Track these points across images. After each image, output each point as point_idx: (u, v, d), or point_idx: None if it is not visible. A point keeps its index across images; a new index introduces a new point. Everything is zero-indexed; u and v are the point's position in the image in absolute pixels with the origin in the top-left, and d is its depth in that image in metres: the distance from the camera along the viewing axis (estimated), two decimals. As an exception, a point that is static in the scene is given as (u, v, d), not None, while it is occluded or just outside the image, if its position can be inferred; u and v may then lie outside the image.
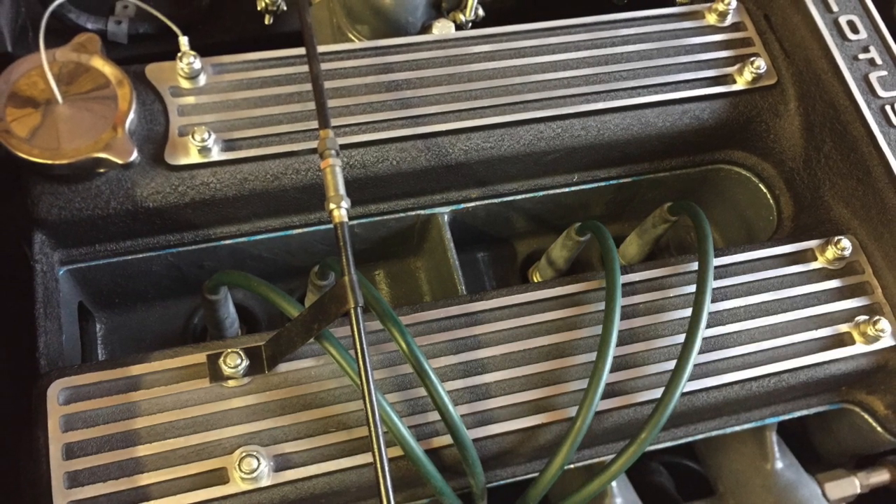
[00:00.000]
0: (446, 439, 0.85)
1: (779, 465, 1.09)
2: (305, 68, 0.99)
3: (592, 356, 0.88)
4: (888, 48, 1.10)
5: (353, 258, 0.78)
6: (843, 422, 1.10)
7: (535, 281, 1.20)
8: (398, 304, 1.02)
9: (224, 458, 0.81)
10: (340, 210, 0.80)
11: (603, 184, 1.16)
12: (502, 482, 0.95)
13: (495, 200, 1.13)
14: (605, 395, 0.88)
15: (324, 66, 1.00)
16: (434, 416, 0.85)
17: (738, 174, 1.19)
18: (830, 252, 1.01)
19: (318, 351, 0.87)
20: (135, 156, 0.90)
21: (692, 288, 0.94)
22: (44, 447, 0.80)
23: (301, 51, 1.01)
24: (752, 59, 1.10)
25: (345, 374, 0.82)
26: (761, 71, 1.09)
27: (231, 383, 0.85)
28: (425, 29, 1.25)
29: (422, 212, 1.10)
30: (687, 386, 0.88)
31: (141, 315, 1.11)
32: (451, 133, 1.02)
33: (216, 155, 0.94)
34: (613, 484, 1.04)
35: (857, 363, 0.98)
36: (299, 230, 1.05)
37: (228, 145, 0.95)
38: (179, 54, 0.97)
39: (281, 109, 0.98)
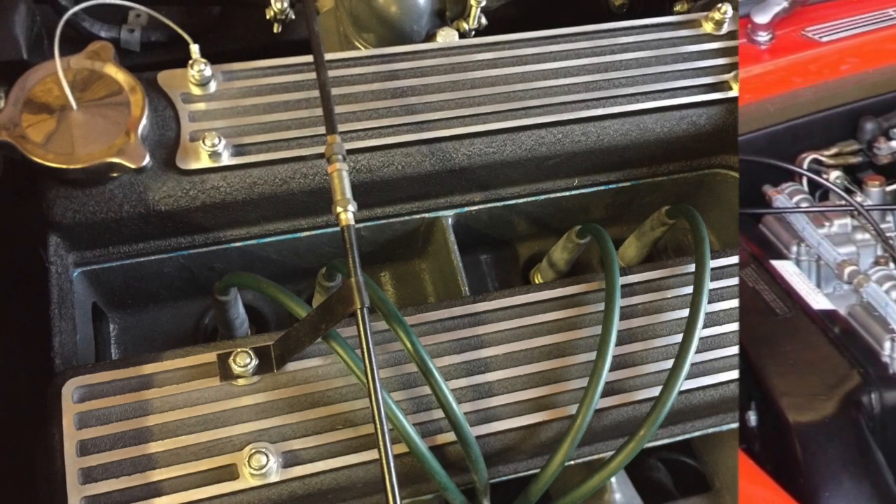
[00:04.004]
0: (450, 436, 0.85)
1: (774, 461, 1.10)
2: (313, 75, 1.00)
3: (592, 355, 0.88)
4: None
5: (359, 260, 0.79)
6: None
7: (537, 282, 1.21)
8: (403, 305, 1.00)
9: (234, 454, 0.82)
10: (347, 213, 0.81)
11: (602, 188, 1.16)
12: (504, 478, 0.95)
13: (498, 204, 1.13)
14: (605, 394, 0.88)
15: (331, 73, 1.00)
16: (438, 413, 0.86)
17: (734, 178, 1.19)
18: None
19: (325, 350, 0.87)
20: (147, 160, 0.91)
21: (689, 289, 0.94)
22: (59, 444, 0.81)
23: (309, 58, 1.01)
24: (748, 65, 1.11)
25: (351, 373, 0.82)
26: (758, 77, 1.11)
27: (241, 382, 0.85)
28: (430, 37, 1.25)
29: (426, 215, 1.10)
30: (684, 384, 0.88)
31: (153, 315, 1.11)
32: (454, 138, 1.02)
33: (226, 160, 0.95)
34: (613, 480, 1.04)
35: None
36: (307, 233, 1.06)
37: (238, 150, 0.96)
38: (190, 62, 0.98)
39: (289, 115, 0.99)
